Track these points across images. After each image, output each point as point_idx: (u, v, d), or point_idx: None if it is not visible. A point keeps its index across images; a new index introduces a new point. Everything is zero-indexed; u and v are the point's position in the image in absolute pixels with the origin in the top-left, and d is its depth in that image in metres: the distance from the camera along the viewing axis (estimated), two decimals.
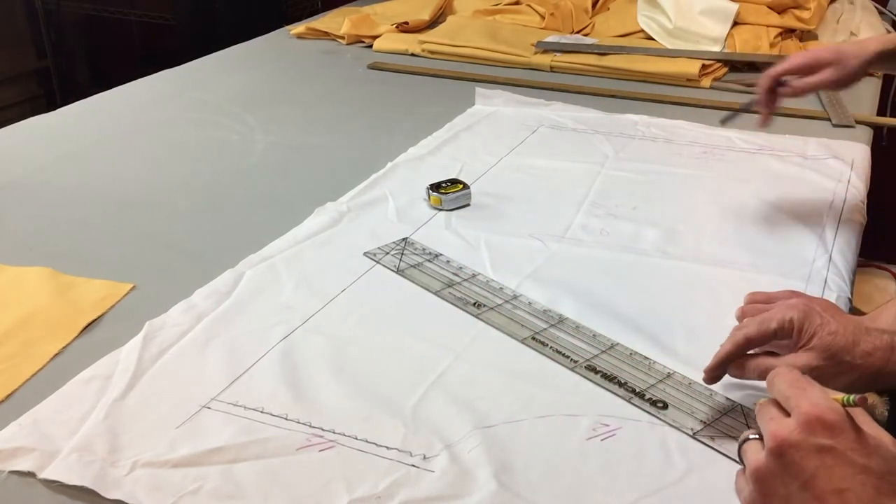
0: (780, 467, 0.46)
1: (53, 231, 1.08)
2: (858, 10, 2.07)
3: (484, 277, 0.96)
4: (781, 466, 0.45)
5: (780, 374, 0.51)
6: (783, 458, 0.45)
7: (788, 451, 0.45)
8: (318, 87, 1.70)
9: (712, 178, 1.24)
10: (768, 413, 0.48)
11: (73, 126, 1.46)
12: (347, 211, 1.11)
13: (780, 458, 0.46)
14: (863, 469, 0.44)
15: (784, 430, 0.46)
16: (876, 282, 2.29)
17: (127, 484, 0.65)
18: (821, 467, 0.44)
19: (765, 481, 0.47)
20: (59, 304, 0.89)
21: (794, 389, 0.48)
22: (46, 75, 3.15)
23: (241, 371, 0.79)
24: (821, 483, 0.44)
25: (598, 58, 1.77)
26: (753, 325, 0.70)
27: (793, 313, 0.69)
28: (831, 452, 0.45)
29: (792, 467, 0.45)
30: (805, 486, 0.45)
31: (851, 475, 0.44)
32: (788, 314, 0.68)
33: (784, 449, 0.46)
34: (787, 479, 0.45)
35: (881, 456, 0.45)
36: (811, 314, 0.68)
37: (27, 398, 0.75)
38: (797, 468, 0.45)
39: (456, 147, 1.35)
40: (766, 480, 0.46)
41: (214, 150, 1.36)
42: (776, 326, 0.69)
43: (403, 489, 0.65)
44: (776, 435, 0.46)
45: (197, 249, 1.04)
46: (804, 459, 0.45)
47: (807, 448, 0.45)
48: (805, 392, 0.48)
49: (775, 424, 0.47)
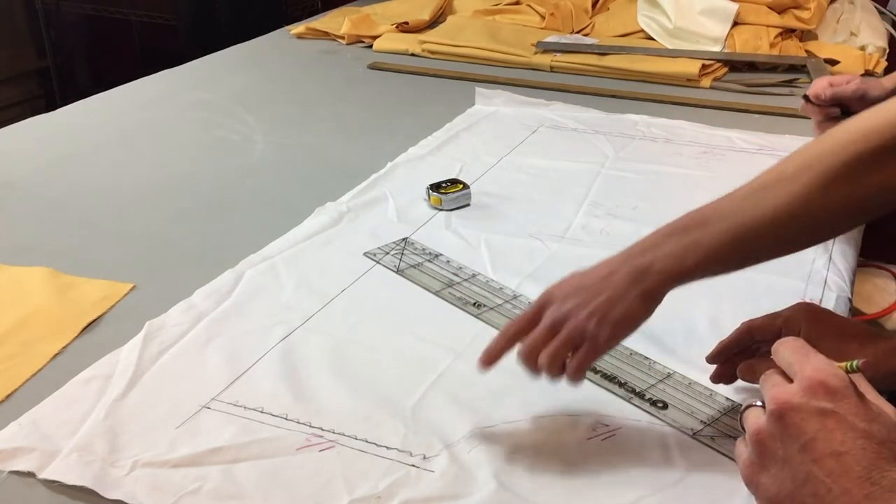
0: (781, 429, 0.46)
1: (53, 231, 1.08)
2: (858, 10, 2.07)
3: (484, 277, 0.96)
4: (781, 428, 0.46)
5: (785, 342, 0.51)
6: (783, 420, 0.46)
7: (789, 413, 0.45)
8: (318, 87, 1.70)
9: (712, 178, 1.24)
10: (771, 380, 0.48)
11: (73, 126, 1.46)
12: (347, 211, 1.11)
13: (780, 420, 0.46)
14: (863, 434, 0.44)
15: (786, 393, 0.46)
16: (876, 282, 2.29)
17: (127, 484, 0.65)
18: (821, 430, 0.44)
19: (764, 443, 0.47)
20: (59, 304, 0.89)
21: (798, 356, 0.48)
22: (46, 75, 3.15)
23: (241, 371, 0.79)
24: (820, 445, 0.44)
25: (598, 58, 1.77)
26: (759, 319, 0.73)
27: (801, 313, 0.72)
28: (833, 416, 0.44)
29: (792, 429, 0.45)
30: (804, 448, 0.45)
31: (852, 439, 0.44)
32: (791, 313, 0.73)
33: (785, 411, 0.46)
34: (786, 440, 0.45)
35: (882, 423, 0.45)
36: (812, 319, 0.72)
37: (27, 398, 0.75)
38: (797, 430, 0.45)
39: (456, 147, 1.35)
40: (766, 442, 0.46)
41: (214, 150, 1.36)
42: (781, 321, 0.72)
43: (403, 489, 0.65)
44: (777, 398, 0.46)
45: (197, 249, 1.04)
46: (805, 422, 0.45)
47: (808, 411, 0.45)
48: (808, 358, 0.48)
49: (777, 389, 0.47)
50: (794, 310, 0.74)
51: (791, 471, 0.44)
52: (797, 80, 1.68)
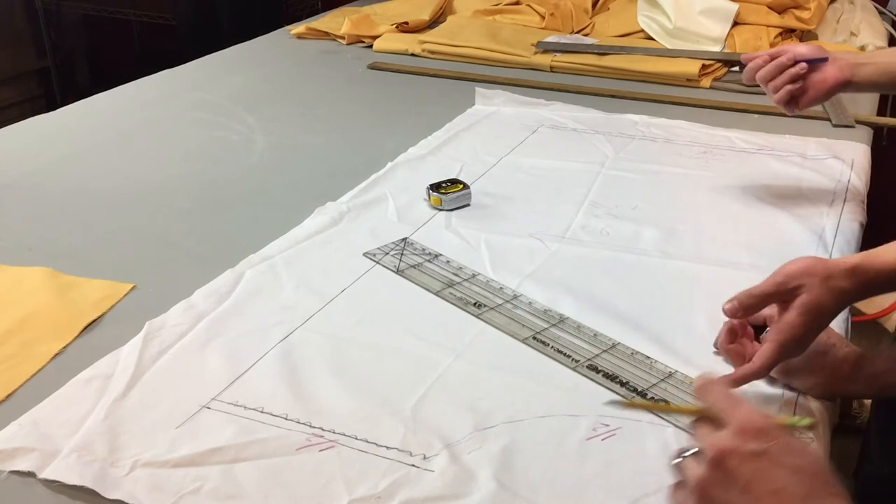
0: (721, 475, 0.48)
1: (53, 231, 1.08)
2: (858, 10, 2.07)
3: (484, 277, 0.96)
4: (721, 474, 0.48)
5: (710, 388, 0.55)
6: (722, 466, 0.48)
7: (727, 458, 0.48)
8: (318, 87, 1.70)
9: (712, 178, 1.24)
10: (703, 430, 0.52)
11: (73, 126, 1.46)
12: (347, 211, 1.11)
13: (719, 467, 0.48)
14: (796, 469, 0.47)
15: (721, 440, 0.49)
16: None
17: (127, 484, 0.65)
18: (757, 470, 0.47)
19: (707, 490, 0.49)
20: (59, 304, 0.89)
21: (728, 402, 0.52)
22: (46, 75, 3.15)
23: (241, 371, 0.79)
24: (758, 485, 0.47)
25: (598, 58, 1.77)
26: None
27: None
28: (766, 456, 0.48)
29: (731, 473, 0.48)
30: (744, 490, 0.47)
31: (787, 475, 0.47)
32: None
33: (723, 457, 0.48)
34: (727, 485, 0.48)
35: (811, 458, 0.49)
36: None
37: (27, 398, 0.75)
38: (736, 474, 0.48)
39: (456, 147, 1.35)
40: (708, 489, 0.49)
41: (214, 150, 1.36)
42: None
43: (403, 489, 0.65)
44: (714, 445, 0.49)
45: (197, 249, 1.04)
46: (741, 465, 0.48)
47: (743, 454, 0.48)
48: (738, 404, 0.52)
49: (713, 437, 0.50)
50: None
51: None
52: None
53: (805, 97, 1.08)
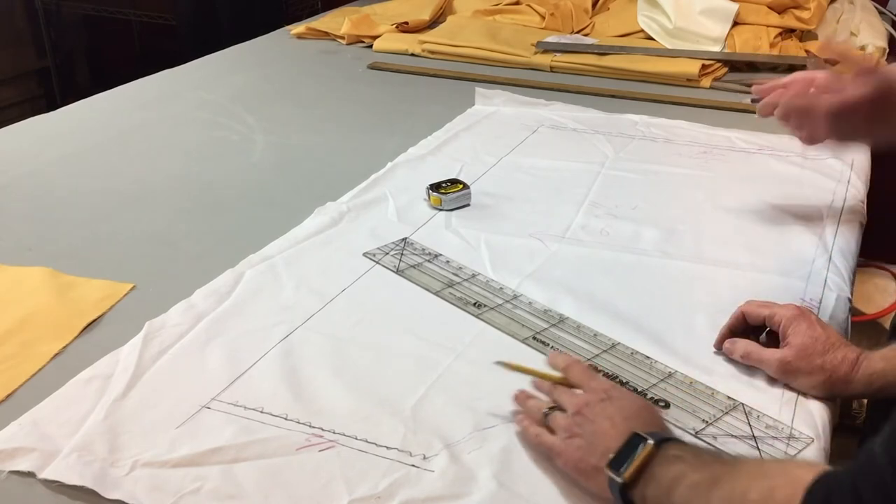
0: (580, 420, 0.67)
1: (53, 231, 1.08)
2: (858, 10, 2.07)
3: (484, 277, 0.96)
4: (581, 418, 0.68)
5: (574, 366, 0.74)
6: (581, 413, 0.68)
7: (584, 409, 0.68)
8: (318, 87, 1.70)
9: (712, 178, 1.24)
10: (566, 393, 0.71)
11: (73, 126, 1.46)
12: (347, 211, 1.11)
13: (579, 413, 0.68)
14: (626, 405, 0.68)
15: (581, 399, 0.69)
16: (876, 282, 2.29)
17: (127, 484, 0.65)
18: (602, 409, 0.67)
19: (571, 430, 0.67)
20: (59, 304, 0.89)
21: (585, 376, 0.72)
22: (46, 75, 3.15)
23: (241, 371, 0.79)
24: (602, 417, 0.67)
25: (598, 58, 1.77)
26: (753, 305, 0.83)
27: (786, 312, 0.80)
28: (608, 400, 0.68)
29: (587, 416, 0.67)
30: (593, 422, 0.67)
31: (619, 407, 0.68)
32: (783, 311, 0.81)
33: (581, 408, 0.68)
34: (584, 425, 0.67)
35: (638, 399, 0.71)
36: (801, 318, 0.79)
37: (27, 398, 0.75)
38: (590, 416, 0.67)
39: (456, 147, 1.35)
40: (572, 429, 0.67)
41: (214, 150, 1.36)
42: (768, 313, 0.81)
43: (403, 489, 0.65)
44: (576, 403, 0.69)
45: (197, 249, 1.04)
46: (593, 409, 0.68)
47: (593, 402, 0.68)
48: (593, 377, 0.72)
49: (575, 397, 0.70)
50: (785, 309, 0.81)
51: (587, 439, 0.66)
52: None
53: None
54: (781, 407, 0.75)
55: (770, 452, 0.70)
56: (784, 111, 1.05)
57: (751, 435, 0.72)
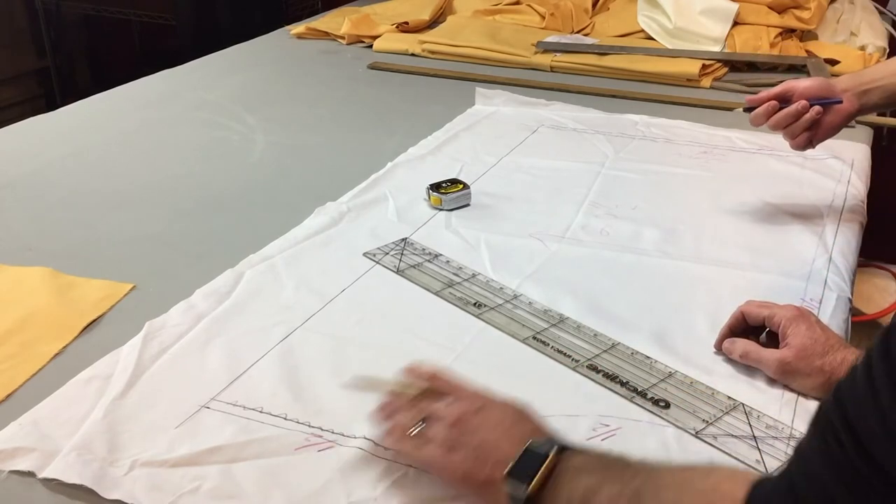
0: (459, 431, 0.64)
1: (53, 231, 1.08)
2: (858, 10, 2.07)
3: (484, 277, 0.96)
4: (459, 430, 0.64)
5: (440, 373, 0.71)
6: (460, 423, 0.65)
7: (462, 418, 0.65)
8: (318, 87, 1.70)
9: (712, 178, 1.24)
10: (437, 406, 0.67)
11: (73, 126, 1.46)
12: (347, 211, 1.11)
13: (456, 425, 0.64)
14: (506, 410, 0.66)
15: (456, 409, 0.66)
16: (876, 282, 2.29)
17: (126, 483, 0.65)
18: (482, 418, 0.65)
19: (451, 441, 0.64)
20: (59, 304, 0.89)
21: (455, 384, 0.69)
22: (46, 75, 3.15)
23: (241, 371, 0.79)
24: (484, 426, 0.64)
25: (598, 58, 1.77)
26: (752, 305, 0.83)
27: (786, 312, 0.80)
28: (485, 408, 0.65)
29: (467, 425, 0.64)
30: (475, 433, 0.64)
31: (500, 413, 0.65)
32: (782, 312, 0.80)
33: (460, 416, 0.65)
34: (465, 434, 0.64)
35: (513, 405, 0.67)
36: (800, 319, 0.79)
37: (27, 398, 0.75)
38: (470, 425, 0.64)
39: (456, 147, 1.35)
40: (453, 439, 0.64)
41: (214, 150, 1.36)
42: (768, 314, 0.81)
43: (402, 489, 0.65)
44: (451, 413, 0.65)
45: (197, 249, 1.04)
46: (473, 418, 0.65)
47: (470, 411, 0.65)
48: (463, 387, 0.69)
49: (450, 407, 0.66)
50: (785, 310, 0.80)
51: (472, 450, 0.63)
52: None
53: (818, 137, 1.07)
54: (782, 407, 0.75)
55: (770, 452, 0.70)
56: (775, 123, 1.06)
57: (751, 435, 0.72)
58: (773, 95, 1.07)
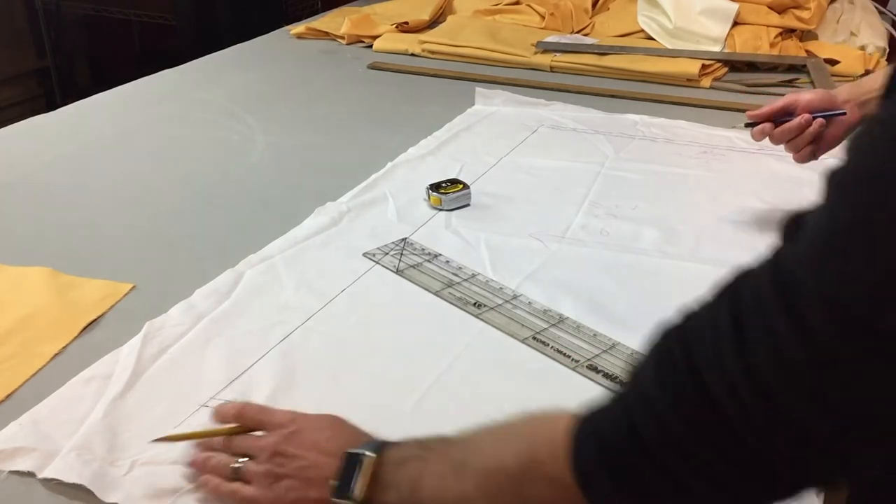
0: (281, 460, 0.63)
1: (53, 231, 1.08)
2: (858, 10, 2.07)
3: (484, 277, 0.96)
4: (281, 460, 0.63)
5: (245, 408, 0.68)
6: (278, 454, 0.63)
7: (279, 447, 0.63)
8: (318, 87, 1.70)
9: (712, 178, 1.24)
10: (248, 439, 0.66)
11: (73, 126, 1.46)
12: (347, 211, 1.11)
13: (276, 456, 0.63)
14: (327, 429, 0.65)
15: (270, 439, 0.64)
16: None
17: (125, 483, 0.65)
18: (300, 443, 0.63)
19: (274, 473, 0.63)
20: (59, 304, 0.89)
21: (262, 413, 0.67)
22: (46, 75, 3.15)
23: (241, 371, 0.79)
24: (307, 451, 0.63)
25: (598, 58, 1.77)
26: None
27: None
28: (300, 431, 0.64)
29: (286, 454, 0.63)
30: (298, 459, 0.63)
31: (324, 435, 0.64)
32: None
33: (276, 448, 0.64)
34: (286, 464, 0.63)
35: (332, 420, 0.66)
36: None
37: (27, 398, 0.75)
38: (289, 454, 0.63)
39: (456, 147, 1.35)
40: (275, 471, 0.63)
41: (214, 150, 1.36)
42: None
43: None
44: (265, 447, 0.64)
45: (197, 249, 1.04)
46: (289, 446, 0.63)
47: (287, 438, 0.64)
48: (270, 412, 0.67)
49: (261, 441, 0.65)
50: None
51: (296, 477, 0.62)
52: (797, 80, 1.68)
53: (821, 150, 1.07)
54: None
55: None
56: (779, 137, 1.07)
57: None
58: (776, 109, 1.07)
